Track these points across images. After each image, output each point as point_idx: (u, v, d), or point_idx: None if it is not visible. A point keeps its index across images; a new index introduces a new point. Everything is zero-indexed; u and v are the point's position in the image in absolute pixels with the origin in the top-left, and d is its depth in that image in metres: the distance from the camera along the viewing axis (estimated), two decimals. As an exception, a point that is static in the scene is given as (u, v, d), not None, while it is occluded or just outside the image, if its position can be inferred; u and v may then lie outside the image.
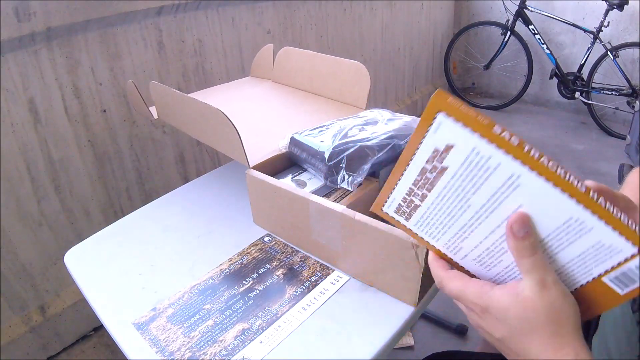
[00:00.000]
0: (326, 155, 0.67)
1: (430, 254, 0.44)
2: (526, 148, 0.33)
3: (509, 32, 2.79)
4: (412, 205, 0.41)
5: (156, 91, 0.79)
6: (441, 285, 0.42)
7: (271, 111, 0.94)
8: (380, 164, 0.68)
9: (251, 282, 0.63)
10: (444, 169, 0.37)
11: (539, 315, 0.35)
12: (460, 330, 1.36)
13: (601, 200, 0.33)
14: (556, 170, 0.33)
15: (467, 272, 0.43)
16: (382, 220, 0.48)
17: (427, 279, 0.56)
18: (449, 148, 0.35)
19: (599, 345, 0.61)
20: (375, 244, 0.56)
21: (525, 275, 0.36)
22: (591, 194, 0.33)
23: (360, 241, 0.58)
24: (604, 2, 2.42)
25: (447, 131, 0.35)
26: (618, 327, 0.58)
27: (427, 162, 0.37)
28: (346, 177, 0.65)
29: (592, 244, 0.34)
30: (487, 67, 3.01)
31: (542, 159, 0.32)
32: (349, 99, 0.93)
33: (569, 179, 0.33)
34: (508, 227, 0.36)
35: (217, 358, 0.52)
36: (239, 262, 0.67)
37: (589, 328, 0.66)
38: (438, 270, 0.42)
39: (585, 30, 2.56)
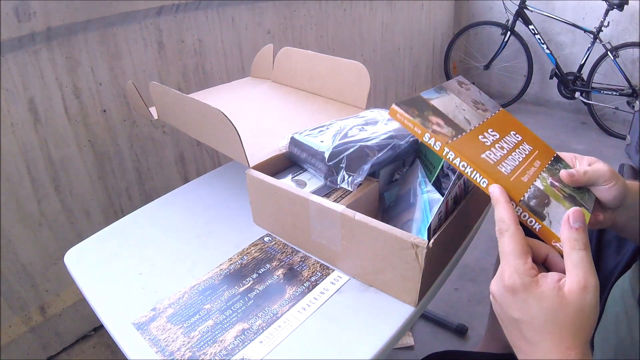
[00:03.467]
0: (326, 155, 0.67)
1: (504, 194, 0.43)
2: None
3: (509, 32, 2.78)
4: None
5: (156, 91, 0.79)
6: (501, 234, 0.40)
7: (271, 111, 0.94)
8: (380, 164, 0.68)
9: (251, 282, 0.63)
10: None
11: (568, 315, 0.36)
12: (460, 330, 1.36)
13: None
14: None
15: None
16: (383, 220, 0.48)
17: (427, 279, 0.56)
18: None
19: (602, 341, 0.61)
20: (375, 244, 0.56)
21: (570, 270, 0.37)
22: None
23: (360, 241, 0.58)
24: (604, 2, 2.41)
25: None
26: (621, 322, 0.58)
27: None
28: (346, 177, 0.65)
29: None
30: (487, 67, 3.01)
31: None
32: (349, 99, 0.93)
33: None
34: (565, 218, 0.39)
35: (217, 358, 0.52)
36: (239, 262, 0.67)
37: None
38: (509, 212, 0.41)
39: (585, 30, 2.56)
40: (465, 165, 0.43)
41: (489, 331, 1.16)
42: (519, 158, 0.48)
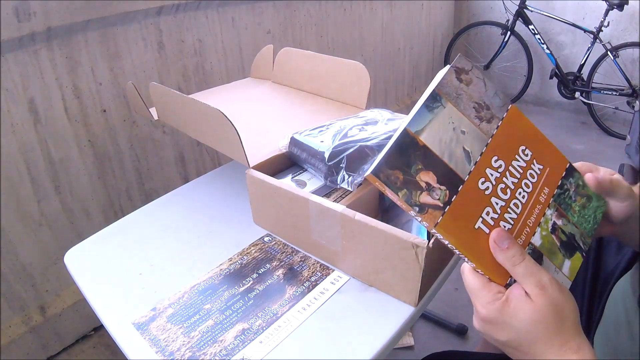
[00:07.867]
0: (326, 155, 0.67)
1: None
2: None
3: (509, 32, 2.79)
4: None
5: (156, 92, 0.79)
6: (463, 271, 0.43)
7: (271, 111, 0.94)
8: (380, 164, 0.67)
9: (251, 282, 0.63)
10: None
11: (544, 315, 0.37)
12: (460, 330, 1.36)
13: None
14: None
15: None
16: (383, 219, 0.48)
17: (427, 279, 0.56)
18: None
19: (602, 342, 0.61)
20: (375, 244, 0.56)
21: (523, 281, 0.39)
22: None
23: (360, 241, 0.58)
24: (604, 2, 2.42)
25: None
26: (621, 323, 0.58)
27: None
28: (346, 177, 0.65)
29: None
30: (487, 67, 3.01)
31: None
32: (349, 99, 0.93)
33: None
34: (491, 243, 0.40)
35: (217, 358, 0.52)
36: (239, 262, 0.67)
37: (590, 325, 0.66)
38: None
39: (585, 30, 2.56)
40: (454, 248, 0.41)
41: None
42: (524, 195, 0.45)
